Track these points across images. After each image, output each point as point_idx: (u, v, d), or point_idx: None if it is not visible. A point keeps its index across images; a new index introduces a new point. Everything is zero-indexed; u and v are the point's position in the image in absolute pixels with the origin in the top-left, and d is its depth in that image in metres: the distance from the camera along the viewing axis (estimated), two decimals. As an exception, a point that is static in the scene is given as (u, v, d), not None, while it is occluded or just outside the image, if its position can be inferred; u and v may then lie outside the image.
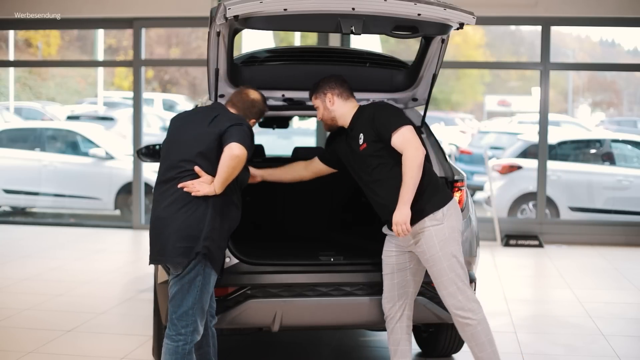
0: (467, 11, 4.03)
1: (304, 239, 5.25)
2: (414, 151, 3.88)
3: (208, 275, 3.82)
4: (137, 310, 6.23)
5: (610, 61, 16.06)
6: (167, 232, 3.77)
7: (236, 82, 4.68)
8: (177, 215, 3.76)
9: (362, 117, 4.13)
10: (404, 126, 3.96)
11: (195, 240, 3.74)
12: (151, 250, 3.90)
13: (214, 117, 3.89)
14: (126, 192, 11.08)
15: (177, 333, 3.79)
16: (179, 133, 3.95)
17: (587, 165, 11.20)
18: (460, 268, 3.97)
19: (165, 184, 3.86)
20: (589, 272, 8.20)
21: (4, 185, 11.51)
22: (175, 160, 3.86)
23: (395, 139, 3.95)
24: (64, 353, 5.12)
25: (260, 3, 3.78)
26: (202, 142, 3.83)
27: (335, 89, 4.23)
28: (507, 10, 9.81)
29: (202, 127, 3.87)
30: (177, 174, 3.83)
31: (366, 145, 4.07)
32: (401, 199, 3.87)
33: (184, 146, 3.87)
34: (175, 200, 3.78)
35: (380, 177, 4.05)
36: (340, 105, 4.23)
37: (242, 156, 3.72)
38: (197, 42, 15.93)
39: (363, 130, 4.09)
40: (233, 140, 3.73)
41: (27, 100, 14.93)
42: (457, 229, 4.01)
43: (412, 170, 3.86)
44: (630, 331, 5.92)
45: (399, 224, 3.85)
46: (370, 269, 4.36)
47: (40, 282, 7.22)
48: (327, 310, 4.30)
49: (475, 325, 3.97)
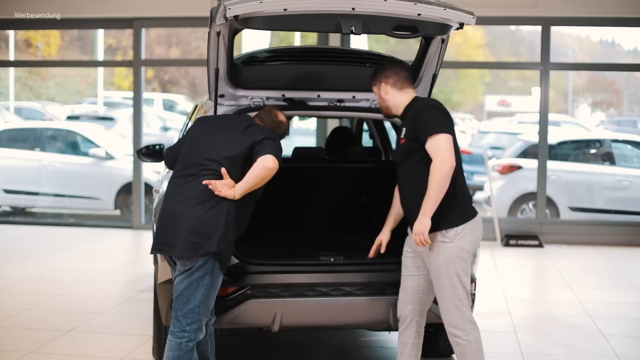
0: (467, 11, 4.03)
1: (303, 239, 5.24)
2: (441, 162, 3.77)
3: (217, 275, 3.85)
4: (137, 310, 6.23)
5: (610, 61, 16.06)
6: (180, 225, 3.78)
7: (236, 82, 4.68)
8: (192, 210, 3.78)
9: (410, 112, 4.01)
10: (441, 134, 3.81)
11: (208, 238, 3.76)
12: (157, 239, 3.88)
13: (247, 126, 3.99)
14: (126, 192, 11.08)
15: (181, 330, 3.81)
16: (207, 134, 3.99)
17: (587, 165, 11.20)
18: (462, 288, 3.91)
19: (184, 179, 3.89)
20: (589, 272, 8.20)
21: (4, 185, 11.51)
22: (200, 158, 3.90)
23: (429, 144, 3.83)
24: (64, 353, 5.12)
25: (260, 3, 3.78)
26: (233, 147, 3.89)
27: (390, 78, 4.07)
28: (507, 10, 9.81)
29: (235, 133, 3.94)
30: (198, 171, 3.87)
31: (405, 141, 3.98)
32: (423, 208, 3.82)
33: (213, 147, 3.92)
34: (193, 196, 3.81)
35: (409, 177, 3.99)
36: (394, 95, 4.09)
37: (274, 169, 3.82)
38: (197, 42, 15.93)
39: (407, 126, 3.99)
40: (269, 152, 3.82)
41: (27, 100, 14.93)
42: (467, 251, 3.91)
43: (436, 181, 3.77)
44: (630, 331, 5.92)
45: (417, 234, 3.82)
46: (371, 269, 4.36)
47: (40, 282, 7.22)
48: (327, 310, 4.30)
49: (464, 345, 3.93)
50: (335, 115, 6.22)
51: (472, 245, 3.95)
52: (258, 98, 4.83)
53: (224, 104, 4.78)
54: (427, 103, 4.00)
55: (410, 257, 4.10)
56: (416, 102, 4.04)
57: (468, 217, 3.94)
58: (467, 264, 3.92)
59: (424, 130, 3.84)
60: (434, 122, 3.85)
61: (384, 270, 4.37)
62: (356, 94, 4.95)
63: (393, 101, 4.09)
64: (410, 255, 4.10)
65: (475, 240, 3.97)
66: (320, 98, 4.93)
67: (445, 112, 3.95)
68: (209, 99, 4.76)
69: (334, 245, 4.80)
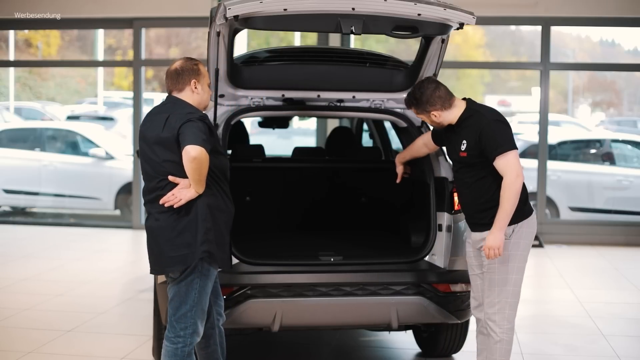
0: (467, 11, 4.03)
1: (303, 239, 5.25)
2: (514, 178, 3.82)
3: (206, 274, 3.77)
4: (137, 310, 6.23)
5: (610, 61, 16.03)
6: (160, 243, 3.75)
7: (236, 82, 4.68)
8: (167, 224, 3.72)
9: (471, 126, 3.96)
10: (511, 151, 3.85)
11: (191, 246, 3.69)
12: (150, 259, 3.88)
13: (165, 120, 3.72)
14: (126, 192, 11.08)
15: (175, 335, 3.77)
16: (143, 140, 3.83)
17: (587, 165, 11.19)
18: (512, 286, 3.95)
19: (150, 194, 3.80)
20: (589, 272, 8.20)
21: (4, 185, 11.51)
22: (151, 171, 3.78)
23: (500, 162, 3.86)
24: (64, 353, 5.12)
25: (260, 3, 3.78)
26: (163, 150, 3.71)
27: (436, 104, 4.01)
28: (507, 10, 9.81)
29: (158, 134, 3.72)
30: (157, 184, 3.75)
31: (466, 155, 4.00)
32: (496, 222, 3.85)
33: (151, 155, 3.76)
34: (163, 211, 3.72)
35: (468, 181, 4.03)
36: (445, 114, 4.04)
37: (200, 156, 3.55)
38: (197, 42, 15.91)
39: (468, 139, 3.97)
40: (186, 143, 3.57)
41: (27, 100, 14.91)
42: (522, 248, 3.96)
43: (510, 197, 3.82)
44: (630, 331, 5.92)
45: (491, 249, 3.85)
46: (371, 269, 4.36)
47: (40, 282, 7.22)
48: (327, 310, 4.30)
49: (496, 341, 3.97)
50: (335, 115, 6.23)
51: (527, 242, 4.00)
52: (258, 98, 4.84)
53: (224, 104, 4.78)
54: (489, 119, 3.95)
55: (474, 257, 4.13)
56: (476, 115, 3.98)
57: (525, 215, 3.99)
58: (520, 261, 3.97)
59: (494, 149, 3.86)
60: (503, 141, 3.87)
61: (384, 270, 4.37)
62: (356, 94, 4.94)
63: (447, 119, 4.07)
64: (472, 255, 4.13)
65: (531, 238, 4.03)
66: (320, 98, 4.93)
67: (508, 124, 3.98)
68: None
69: (334, 245, 4.80)
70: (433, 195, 4.54)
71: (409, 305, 4.32)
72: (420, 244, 4.62)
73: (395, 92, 4.95)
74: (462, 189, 4.09)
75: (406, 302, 4.31)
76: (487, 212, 3.93)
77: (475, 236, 4.04)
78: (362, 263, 4.43)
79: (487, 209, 3.94)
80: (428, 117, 4.09)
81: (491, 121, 3.93)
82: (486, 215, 3.94)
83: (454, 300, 4.37)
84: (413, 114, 4.95)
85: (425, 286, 4.30)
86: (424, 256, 4.48)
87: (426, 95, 4.01)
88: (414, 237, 4.80)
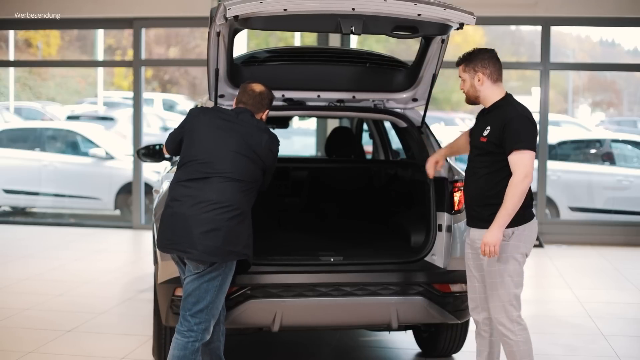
0: (467, 11, 4.03)
1: (303, 239, 5.25)
2: (522, 177, 3.78)
3: (227, 277, 3.86)
4: (137, 310, 6.23)
5: (610, 61, 16.03)
6: (196, 230, 3.75)
7: (236, 82, 4.68)
8: (209, 215, 3.77)
9: (501, 114, 3.90)
10: (528, 150, 3.80)
11: (235, 245, 3.79)
12: (165, 239, 3.85)
13: (250, 136, 3.93)
14: (126, 192, 11.08)
15: (188, 329, 3.82)
16: (212, 135, 3.91)
17: (587, 165, 11.19)
18: (514, 288, 3.93)
19: (194, 182, 3.84)
20: (589, 272, 8.20)
21: (4, 185, 11.51)
22: (211, 166, 3.85)
23: (514, 157, 3.82)
24: (64, 353, 5.12)
25: (260, 3, 3.78)
26: (247, 171, 3.92)
27: (488, 68, 3.93)
28: (507, 10, 9.81)
29: (241, 151, 3.89)
30: (208, 176, 3.83)
31: (486, 140, 3.93)
32: (496, 220, 3.81)
33: (225, 159, 3.87)
34: (207, 201, 3.79)
35: (479, 172, 3.97)
36: (488, 86, 3.96)
37: None
38: (197, 42, 15.91)
39: (493, 126, 3.91)
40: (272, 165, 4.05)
41: (27, 100, 14.91)
42: (521, 252, 3.93)
43: (514, 196, 3.78)
44: (630, 331, 5.92)
45: (487, 245, 3.82)
46: (371, 269, 4.36)
47: (40, 282, 7.22)
48: (327, 310, 4.30)
49: (512, 345, 3.96)
50: (335, 115, 6.24)
51: (527, 246, 3.97)
52: (258, 98, 4.83)
53: (224, 104, 4.78)
54: (520, 112, 3.90)
55: (472, 258, 4.09)
56: (508, 106, 3.93)
57: (526, 219, 3.95)
58: (520, 264, 3.94)
59: (513, 142, 3.81)
60: (525, 137, 3.82)
61: (384, 270, 4.37)
62: (356, 94, 4.94)
63: (485, 92, 3.98)
64: (471, 256, 4.10)
65: (531, 242, 3.99)
66: (320, 98, 4.93)
67: (535, 125, 3.92)
68: (209, 99, 4.77)
69: (334, 245, 4.80)
70: (433, 196, 4.53)
71: (409, 306, 4.33)
72: (420, 244, 4.61)
73: (395, 92, 4.94)
74: (471, 179, 4.03)
75: (406, 302, 4.31)
76: (488, 208, 3.89)
77: (474, 234, 4.01)
78: (362, 263, 4.43)
79: (489, 204, 3.89)
80: (471, 79, 3.97)
81: (522, 116, 3.88)
82: (486, 211, 3.90)
83: (453, 301, 4.37)
84: (413, 114, 4.97)
85: (425, 286, 4.30)
86: (423, 256, 4.48)
87: (483, 55, 3.96)
88: (414, 237, 4.79)
